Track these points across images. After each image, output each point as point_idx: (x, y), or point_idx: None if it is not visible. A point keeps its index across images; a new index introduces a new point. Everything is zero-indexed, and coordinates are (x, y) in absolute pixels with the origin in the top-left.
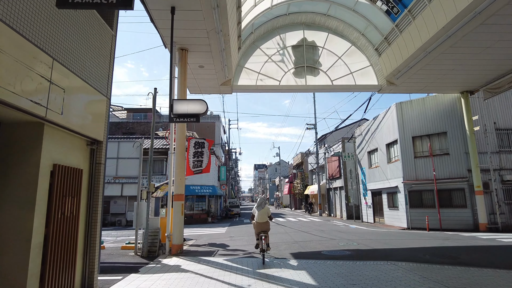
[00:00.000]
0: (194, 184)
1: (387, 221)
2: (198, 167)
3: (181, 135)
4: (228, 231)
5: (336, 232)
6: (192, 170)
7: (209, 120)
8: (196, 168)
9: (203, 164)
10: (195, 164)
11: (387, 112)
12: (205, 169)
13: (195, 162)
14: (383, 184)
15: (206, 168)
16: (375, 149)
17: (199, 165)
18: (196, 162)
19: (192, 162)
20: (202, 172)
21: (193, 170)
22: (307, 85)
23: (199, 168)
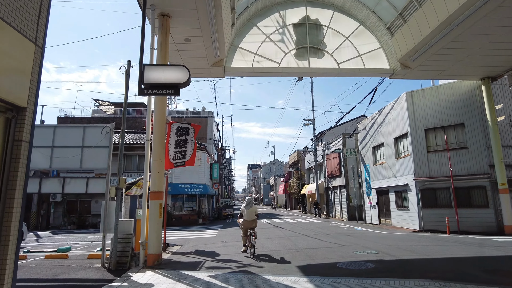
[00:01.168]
0: (184, 182)
1: (395, 222)
2: (181, 158)
3: (160, 116)
4: (220, 235)
5: (343, 236)
6: (172, 162)
7: (201, 116)
8: (178, 160)
9: (187, 156)
10: (177, 155)
11: (396, 103)
12: (188, 161)
13: (177, 153)
14: (391, 182)
15: (190, 161)
16: (381, 144)
17: (182, 157)
18: (178, 153)
19: (173, 153)
20: (185, 165)
21: (173, 163)
22: (310, 67)
23: (181, 160)
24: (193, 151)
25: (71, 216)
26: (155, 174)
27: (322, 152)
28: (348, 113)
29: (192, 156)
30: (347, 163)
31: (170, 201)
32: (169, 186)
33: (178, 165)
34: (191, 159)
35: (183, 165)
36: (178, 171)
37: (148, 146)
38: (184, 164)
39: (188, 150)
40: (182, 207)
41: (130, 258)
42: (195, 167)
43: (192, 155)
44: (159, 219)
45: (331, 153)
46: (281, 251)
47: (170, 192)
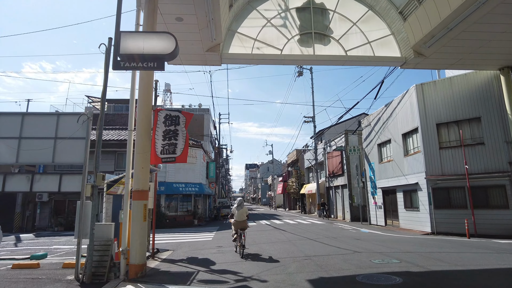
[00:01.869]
0: (178, 181)
1: (403, 224)
2: (170, 153)
3: (145, 100)
4: (216, 238)
5: (352, 240)
6: (160, 156)
7: (198, 113)
8: (167, 155)
9: (178, 150)
10: (166, 149)
11: (404, 96)
12: (180, 157)
13: (165, 146)
14: (398, 180)
15: (181, 156)
16: (388, 140)
17: (172, 151)
18: (167, 146)
19: (160, 146)
20: (176, 161)
21: (161, 157)
22: (315, 55)
23: (171, 156)
24: (184, 144)
25: (58, 217)
26: (139, 169)
27: (323, 150)
28: (352, 108)
29: (184, 151)
30: (350, 162)
31: (164, 201)
32: (162, 185)
33: (167, 160)
34: (182, 154)
35: (173, 161)
36: (172, 169)
37: (131, 137)
38: (175, 160)
39: (179, 143)
40: (177, 207)
41: (109, 269)
42: (191, 165)
43: (184, 149)
44: (143, 223)
45: (333, 151)
46: (286, 259)
47: (164, 192)
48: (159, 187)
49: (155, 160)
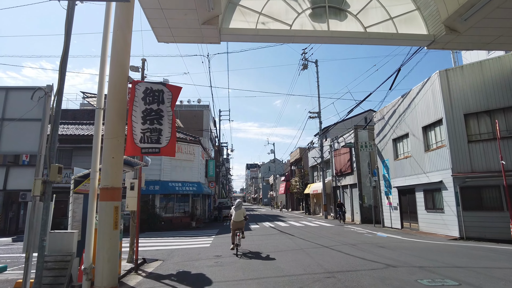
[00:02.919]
0: (174, 180)
1: (424, 227)
2: (153, 142)
3: (119, 59)
4: (215, 244)
5: (376, 248)
6: (139, 146)
7: (197, 109)
8: (149, 144)
9: (163, 138)
10: (147, 137)
11: (425, 85)
12: (166, 148)
13: (146, 131)
14: (418, 179)
15: (168, 148)
16: (405, 135)
17: (155, 139)
18: (148, 132)
19: (140, 131)
20: (160, 153)
21: (141, 147)
22: (330, 31)
23: (154, 146)
24: (171, 131)
25: None
26: (108, 160)
27: (329, 147)
28: (364, 100)
29: (171, 141)
30: (360, 159)
31: (158, 202)
32: (157, 184)
33: (149, 151)
34: (169, 145)
35: (157, 153)
36: (168, 167)
37: (99, 118)
38: (159, 152)
39: (164, 129)
40: (173, 208)
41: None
42: (188, 163)
43: (171, 138)
44: (113, 232)
45: (341, 148)
46: (303, 276)
47: (159, 191)
48: (153, 186)
49: (132, 150)
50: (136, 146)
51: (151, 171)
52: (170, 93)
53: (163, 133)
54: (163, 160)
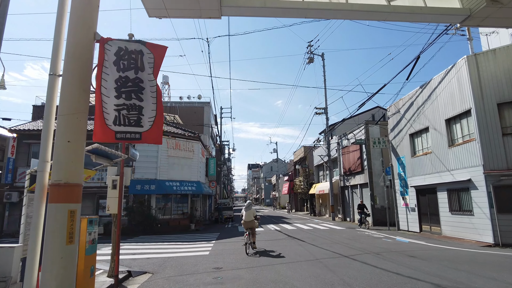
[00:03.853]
0: (171, 179)
1: (448, 230)
2: (132, 124)
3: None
4: (215, 252)
5: (406, 259)
6: (112, 129)
7: (197, 105)
8: (126, 127)
9: (144, 120)
10: (123, 116)
11: (449, 72)
12: (149, 132)
13: (121, 109)
14: (440, 177)
15: (151, 133)
16: (424, 129)
17: (134, 120)
18: (124, 110)
19: (113, 108)
20: (142, 140)
21: (115, 130)
22: (349, 3)
23: (133, 130)
24: (157, 110)
25: None
26: (62, 144)
27: (336, 145)
28: (378, 92)
29: (156, 123)
30: (371, 157)
31: (154, 203)
32: (153, 184)
33: (126, 137)
34: (154, 128)
35: (137, 139)
36: (165, 164)
37: (54, 87)
38: (141, 139)
39: (145, 106)
40: (171, 209)
41: None
42: (187, 160)
43: (157, 119)
44: (66, 248)
45: (350, 146)
46: None
47: (155, 191)
48: (148, 186)
49: (102, 135)
50: (108, 129)
51: (146, 169)
52: (151, 56)
53: (145, 111)
54: (159, 157)
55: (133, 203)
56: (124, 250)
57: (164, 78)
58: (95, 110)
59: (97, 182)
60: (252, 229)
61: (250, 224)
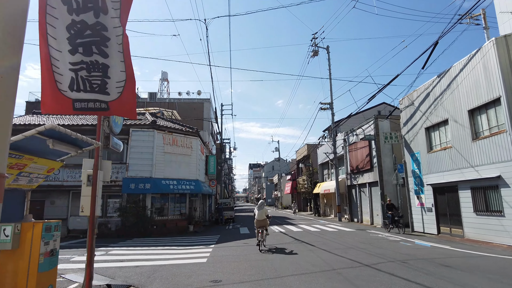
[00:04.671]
0: (168, 177)
1: (472, 233)
2: (94, 90)
3: None
4: (213, 259)
5: (441, 269)
6: (69, 96)
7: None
8: (86, 94)
9: (111, 84)
10: (82, 78)
11: (473, 58)
12: (118, 102)
13: (79, 67)
14: (462, 174)
15: (121, 102)
16: (443, 121)
17: (98, 85)
18: (83, 69)
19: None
20: (111, 111)
21: (72, 97)
22: None
23: (97, 97)
24: (126, 71)
25: None
26: None
27: (342, 142)
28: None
29: (127, 89)
30: (381, 153)
31: (149, 202)
32: (148, 182)
33: (89, 107)
34: (125, 96)
35: (104, 110)
36: (161, 162)
37: None
38: (108, 110)
39: (112, 64)
40: (167, 210)
41: None
42: (184, 157)
43: (128, 84)
44: None
45: (357, 142)
46: None
47: (151, 190)
48: (143, 185)
49: (54, 104)
50: (62, 97)
51: (140, 166)
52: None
53: (112, 73)
54: (155, 154)
55: (126, 203)
56: (111, 256)
57: (163, 75)
58: (41, 70)
59: None
60: (264, 227)
61: (262, 223)
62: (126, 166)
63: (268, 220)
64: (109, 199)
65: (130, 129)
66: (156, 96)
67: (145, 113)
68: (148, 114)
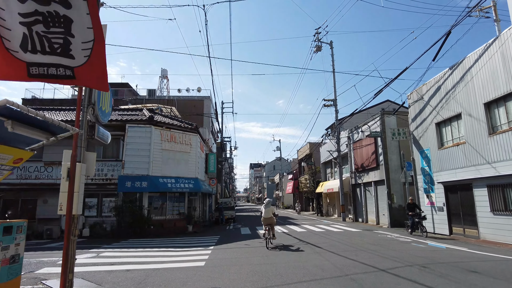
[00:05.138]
0: (166, 175)
1: (488, 234)
2: (55, 52)
3: None
4: (212, 263)
5: (468, 275)
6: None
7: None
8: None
9: (75, 45)
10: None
11: (489, 48)
12: (85, 68)
13: (34, 20)
14: (477, 171)
15: (89, 69)
16: (456, 115)
17: (60, 45)
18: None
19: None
20: (77, 80)
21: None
22: None
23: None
24: (94, 32)
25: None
26: None
27: (346, 139)
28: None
29: (96, 52)
30: (388, 151)
31: (146, 201)
32: (144, 180)
33: (49, 74)
34: (94, 61)
35: (69, 79)
36: (158, 159)
37: None
38: (74, 78)
39: (76, 19)
40: (165, 209)
41: None
42: (183, 155)
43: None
44: None
45: (362, 140)
46: None
47: (147, 189)
48: (139, 183)
49: (6, 68)
50: (12, 58)
51: (137, 164)
52: None
53: (76, 30)
54: (152, 150)
55: (122, 202)
56: (102, 259)
57: (162, 72)
58: None
59: None
60: (271, 225)
61: (269, 220)
62: (122, 164)
63: (274, 218)
64: (104, 198)
65: (126, 125)
66: (155, 93)
67: (143, 109)
68: (146, 110)
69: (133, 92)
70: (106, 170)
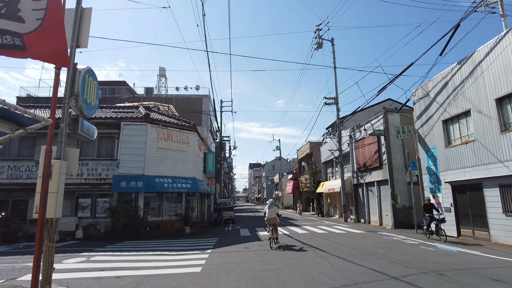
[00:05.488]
0: (162, 175)
1: (500, 236)
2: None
3: None
4: (209, 268)
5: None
6: None
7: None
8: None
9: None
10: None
11: (500, 41)
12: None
13: None
14: (488, 170)
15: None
16: (464, 112)
17: (9, 7)
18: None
19: None
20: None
21: None
22: None
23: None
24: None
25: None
26: None
27: (348, 138)
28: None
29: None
30: (391, 150)
31: (142, 202)
32: (140, 180)
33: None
34: (47, 26)
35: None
36: (154, 158)
37: None
38: (25, 50)
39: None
40: (162, 210)
41: None
42: (180, 154)
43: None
44: None
45: (366, 138)
46: None
47: (143, 189)
48: (135, 183)
49: None
50: None
51: (132, 163)
52: None
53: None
54: (148, 149)
55: (117, 203)
56: (92, 264)
57: (160, 70)
58: None
59: (77, 178)
60: (275, 225)
61: (273, 220)
62: (117, 163)
63: (278, 218)
64: (98, 199)
65: (121, 123)
66: (153, 91)
67: (139, 107)
68: (142, 107)
69: (130, 90)
70: (100, 170)
